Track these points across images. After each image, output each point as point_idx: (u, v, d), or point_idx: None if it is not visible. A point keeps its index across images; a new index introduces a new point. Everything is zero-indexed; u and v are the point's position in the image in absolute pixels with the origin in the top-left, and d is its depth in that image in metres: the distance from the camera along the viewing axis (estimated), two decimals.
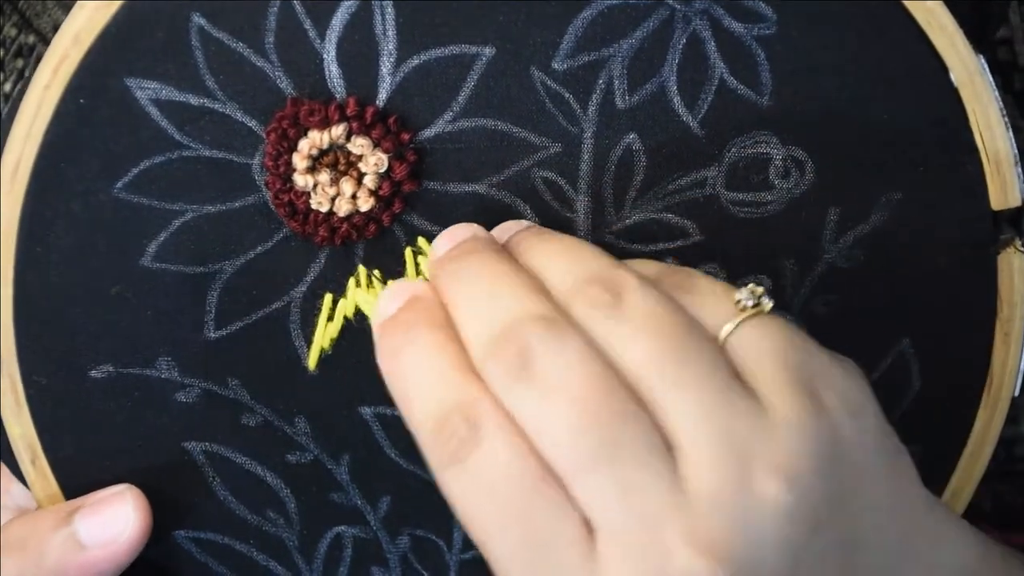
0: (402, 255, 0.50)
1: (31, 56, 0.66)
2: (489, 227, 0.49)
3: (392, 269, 0.50)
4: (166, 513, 0.52)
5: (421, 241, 0.50)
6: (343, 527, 0.53)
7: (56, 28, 0.47)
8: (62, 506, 0.51)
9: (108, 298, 0.49)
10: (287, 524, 0.53)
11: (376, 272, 0.50)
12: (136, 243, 0.49)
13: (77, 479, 0.51)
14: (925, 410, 0.52)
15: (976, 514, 0.54)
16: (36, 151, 0.48)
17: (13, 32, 0.66)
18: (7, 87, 0.66)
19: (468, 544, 0.53)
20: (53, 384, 0.50)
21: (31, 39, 0.66)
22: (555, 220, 0.50)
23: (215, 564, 0.53)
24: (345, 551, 0.53)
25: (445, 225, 0.49)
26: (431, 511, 0.53)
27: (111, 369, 0.50)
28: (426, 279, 0.50)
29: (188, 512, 0.52)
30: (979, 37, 0.49)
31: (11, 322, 0.49)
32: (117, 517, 0.50)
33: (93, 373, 0.50)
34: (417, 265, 0.50)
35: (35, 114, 0.47)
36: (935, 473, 0.53)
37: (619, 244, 0.50)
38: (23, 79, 0.65)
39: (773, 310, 0.42)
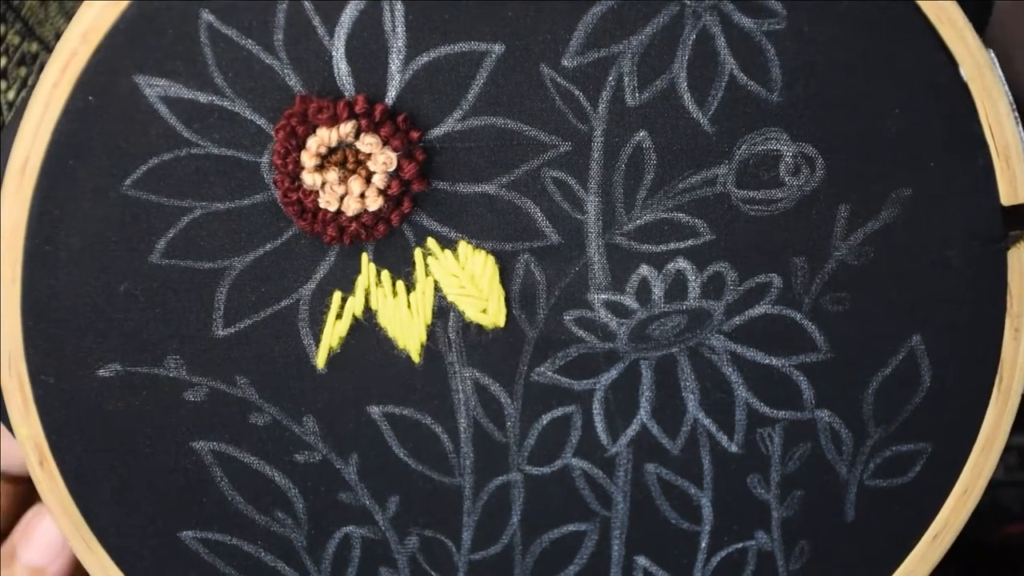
0: (411, 255, 0.50)
1: (34, 64, 0.66)
2: (500, 229, 0.50)
3: (402, 270, 0.50)
4: (173, 513, 0.52)
5: (431, 242, 0.50)
6: (351, 527, 0.53)
7: (59, 37, 0.47)
8: (3, 556, 0.53)
9: (117, 296, 0.49)
10: (295, 524, 0.52)
11: (385, 272, 0.50)
12: (145, 240, 0.49)
13: (85, 480, 0.51)
14: (935, 407, 0.52)
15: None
16: (44, 149, 0.47)
17: (16, 40, 0.66)
18: (10, 95, 0.66)
19: (477, 544, 0.53)
20: (61, 383, 0.50)
21: (34, 47, 0.66)
22: (565, 222, 0.50)
23: (222, 564, 0.52)
24: (353, 551, 0.53)
25: (455, 226, 0.49)
26: (440, 511, 0.53)
27: (119, 368, 0.50)
28: (435, 280, 0.50)
29: (195, 512, 0.52)
30: (980, 30, 0.49)
31: (19, 321, 0.49)
32: (49, 530, 0.52)
33: (101, 372, 0.50)
34: (427, 266, 0.50)
35: (43, 112, 0.47)
36: (945, 471, 0.53)
37: (630, 246, 0.50)
38: (27, 87, 0.65)
39: (783, 309, 0.42)
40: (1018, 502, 0.80)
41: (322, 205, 0.48)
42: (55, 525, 0.51)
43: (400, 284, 0.50)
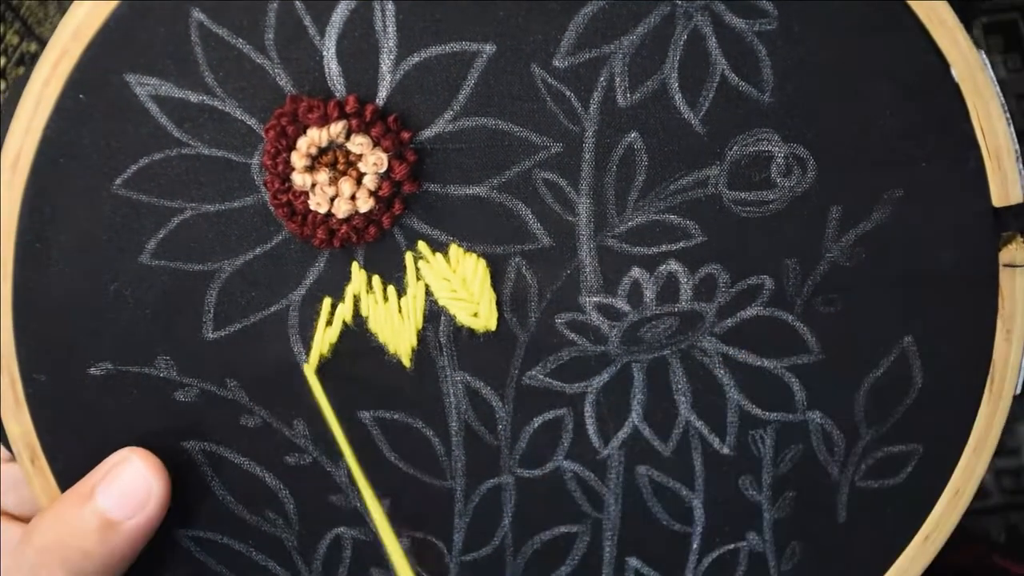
0: (402, 259, 0.50)
1: (33, 64, 0.66)
2: (492, 232, 0.50)
3: (392, 274, 0.50)
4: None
5: (421, 245, 0.50)
6: (342, 528, 0.53)
7: None
8: (75, 495, 0.50)
9: (107, 295, 0.49)
10: (286, 524, 0.52)
11: (376, 278, 0.50)
12: (135, 240, 0.49)
13: (76, 478, 0.51)
14: (927, 408, 0.52)
15: (990, 545, 0.54)
16: (36, 147, 0.47)
17: (15, 40, 0.66)
18: None
19: (468, 546, 0.53)
20: (52, 381, 0.50)
21: (33, 47, 0.66)
22: (557, 224, 0.50)
23: (213, 563, 0.52)
24: (344, 552, 0.53)
25: (446, 229, 0.49)
26: (431, 514, 0.53)
27: (110, 366, 0.50)
28: (426, 284, 0.50)
29: (187, 510, 0.52)
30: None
31: (10, 318, 0.49)
32: (136, 480, 0.50)
33: (92, 370, 0.50)
34: (417, 270, 0.50)
35: (34, 109, 0.47)
36: (937, 472, 0.53)
37: (622, 248, 0.50)
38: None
39: (775, 311, 0.42)
40: (1002, 532, 0.80)
41: (312, 207, 0.48)
42: (143, 476, 0.50)
43: (391, 289, 0.50)
